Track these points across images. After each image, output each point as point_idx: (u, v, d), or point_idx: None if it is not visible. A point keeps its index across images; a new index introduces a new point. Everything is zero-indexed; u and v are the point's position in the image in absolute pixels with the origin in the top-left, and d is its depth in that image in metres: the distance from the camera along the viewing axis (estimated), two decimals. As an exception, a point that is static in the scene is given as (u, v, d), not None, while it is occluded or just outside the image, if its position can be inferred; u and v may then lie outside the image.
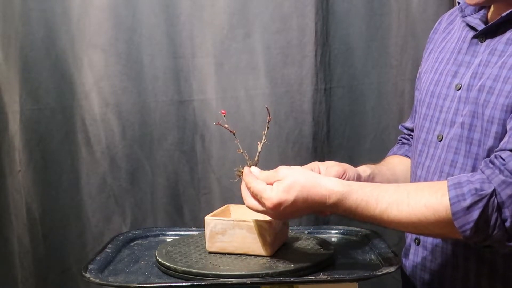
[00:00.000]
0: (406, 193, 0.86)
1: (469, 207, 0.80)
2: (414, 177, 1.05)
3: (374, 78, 1.56)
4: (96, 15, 1.50)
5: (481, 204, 0.80)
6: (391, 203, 0.86)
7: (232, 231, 1.01)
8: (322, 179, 0.91)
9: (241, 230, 1.00)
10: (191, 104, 1.55)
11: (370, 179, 1.07)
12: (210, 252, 1.03)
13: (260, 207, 0.92)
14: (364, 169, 1.09)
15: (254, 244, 1.00)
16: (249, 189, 0.93)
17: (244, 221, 1.00)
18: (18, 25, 1.49)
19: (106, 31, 1.51)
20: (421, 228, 0.85)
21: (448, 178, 0.85)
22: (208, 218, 1.03)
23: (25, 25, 1.49)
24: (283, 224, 1.04)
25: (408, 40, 1.55)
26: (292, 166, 0.94)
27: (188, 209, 1.59)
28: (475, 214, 0.80)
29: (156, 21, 1.51)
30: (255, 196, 0.92)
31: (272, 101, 1.53)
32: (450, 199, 0.81)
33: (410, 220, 0.85)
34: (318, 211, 0.93)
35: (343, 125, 1.57)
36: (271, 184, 0.91)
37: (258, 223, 0.99)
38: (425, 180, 1.00)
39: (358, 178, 1.06)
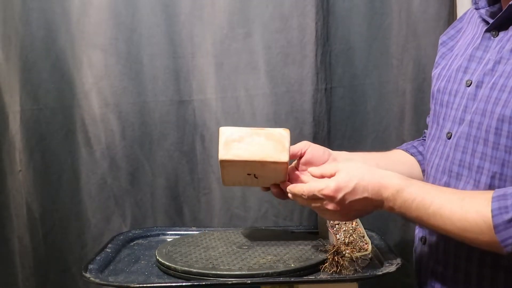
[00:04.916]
0: (461, 196, 0.84)
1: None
2: (426, 175, 1.05)
3: (375, 78, 1.56)
4: (96, 15, 1.50)
5: None
6: (445, 204, 0.84)
7: (249, 138, 0.98)
8: (381, 171, 0.90)
9: (259, 138, 0.97)
10: (191, 104, 1.55)
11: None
12: (223, 160, 0.98)
13: (321, 204, 0.91)
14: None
15: (272, 150, 0.97)
16: (303, 195, 0.93)
17: (263, 129, 0.98)
18: (18, 25, 1.49)
19: (106, 31, 1.50)
20: (469, 236, 0.82)
21: (496, 189, 0.82)
22: (223, 127, 1.00)
23: (25, 25, 1.49)
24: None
25: (409, 40, 1.54)
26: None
27: (188, 209, 1.58)
28: None
29: (156, 21, 1.51)
30: (310, 195, 0.92)
31: (272, 101, 1.53)
32: (492, 210, 0.79)
33: (461, 224, 0.82)
34: (373, 207, 0.91)
35: (343, 125, 1.57)
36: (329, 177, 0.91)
37: (277, 130, 0.98)
38: (434, 178, 0.99)
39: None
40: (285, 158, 0.97)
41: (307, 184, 0.94)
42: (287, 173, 1.02)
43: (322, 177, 0.93)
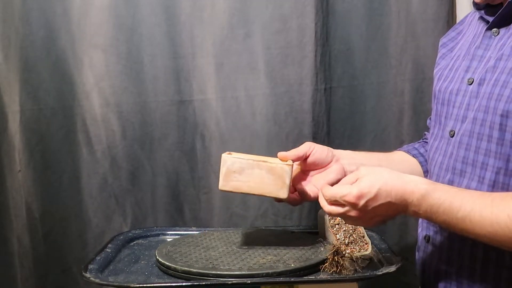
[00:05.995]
0: (490, 200, 0.82)
1: None
2: (429, 174, 1.05)
3: (374, 78, 1.56)
4: (97, 15, 1.50)
5: None
6: (474, 208, 0.82)
7: (250, 170, 0.97)
8: (406, 175, 0.88)
9: (260, 171, 0.96)
10: (191, 104, 1.55)
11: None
12: (222, 190, 0.99)
13: (340, 209, 0.90)
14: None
15: (272, 186, 0.96)
16: (325, 197, 0.92)
17: (265, 161, 0.97)
18: (18, 25, 1.49)
19: (106, 31, 1.51)
20: (500, 239, 0.81)
21: None
22: (226, 156, 0.99)
23: (25, 25, 1.49)
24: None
25: (408, 40, 1.55)
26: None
27: (188, 208, 1.59)
28: None
29: (156, 21, 1.52)
30: (332, 200, 0.90)
31: (272, 101, 1.53)
32: None
33: (492, 229, 0.81)
34: (397, 212, 0.89)
35: (343, 125, 1.57)
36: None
37: (280, 165, 0.96)
38: (438, 176, 0.99)
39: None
40: (284, 195, 0.97)
41: (328, 188, 0.92)
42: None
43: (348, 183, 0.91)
